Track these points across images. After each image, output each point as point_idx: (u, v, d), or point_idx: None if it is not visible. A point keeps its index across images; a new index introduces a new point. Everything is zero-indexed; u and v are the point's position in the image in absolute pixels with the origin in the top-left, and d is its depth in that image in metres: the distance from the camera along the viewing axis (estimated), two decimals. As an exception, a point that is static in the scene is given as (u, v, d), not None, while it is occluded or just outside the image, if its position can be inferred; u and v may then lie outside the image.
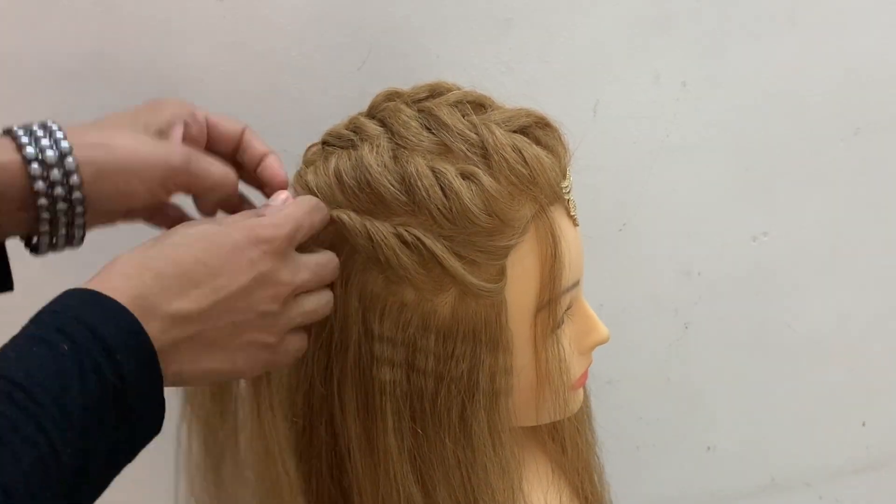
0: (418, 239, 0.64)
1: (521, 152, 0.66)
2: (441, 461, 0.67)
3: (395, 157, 0.66)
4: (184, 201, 0.70)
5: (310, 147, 0.73)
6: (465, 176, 0.65)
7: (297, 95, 0.89)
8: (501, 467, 0.68)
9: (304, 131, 0.76)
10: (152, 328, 0.53)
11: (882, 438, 1.24)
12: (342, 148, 0.69)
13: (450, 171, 0.64)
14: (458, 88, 0.72)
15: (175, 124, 0.66)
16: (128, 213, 0.67)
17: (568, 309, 0.71)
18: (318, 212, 0.64)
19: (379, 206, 0.65)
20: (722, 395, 1.16)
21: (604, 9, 0.96)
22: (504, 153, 0.66)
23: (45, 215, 0.59)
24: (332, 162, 0.68)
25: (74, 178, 0.59)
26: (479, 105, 0.70)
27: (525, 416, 0.73)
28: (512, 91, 0.77)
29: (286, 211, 0.62)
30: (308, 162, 0.71)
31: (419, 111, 0.69)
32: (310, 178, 0.68)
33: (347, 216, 0.65)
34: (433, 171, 0.65)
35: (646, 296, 1.09)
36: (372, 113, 0.72)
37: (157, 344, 0.53)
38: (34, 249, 0.62)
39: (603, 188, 1.02)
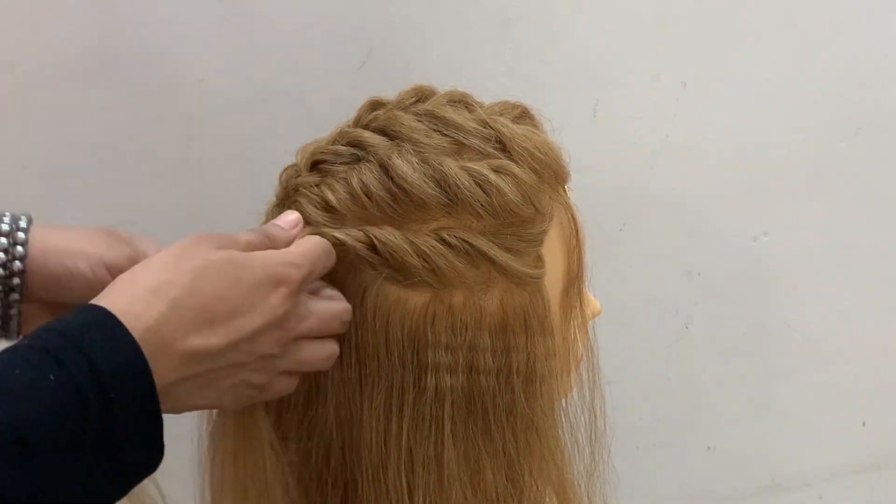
0: (463, 240, 0.64)
1: (533, 140, 0.67)
2: (498, 453, 0.67)
3: (424, 162, 0.65)
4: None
5: (292, 173, 0.70)
6: (498, 170, 0.65)
7: (297, 95, 0.89)
8: (560, 448, 0.70)
9: (304, 131, 0.75)
10: (161, 366, 0.50)
11: (882, 438, 1.24)
12: (346, 165, 0.67)
13: (483, 168, 0.65)
14: (435, 89, 0.72)
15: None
16: (67, 299, 0.63)
17: None
18: (330, 257, 0.62)
19: (415, 213, 0.64)
20: (722, 395, 1.16)
21: (604, 9, 0.96)
22: (522, 143, 0.67)
23: None
24: (354, 179, 0.65)
25: (19, 250, 0.58)
26: (467, 102, 0.71)
27: None
28: (512, 91, 0.76)
29: (304, 249, 0.59)
30: (298, 186, 0.68)
31: (417, 115, 0.69)
32: (329, 196, 0.66)
33: (391, 235, 0.64)
34: (466, 170, 0.65)
35: (646, 296, 1.09)
36: (366, 124, 0.70)
37: (160, 383, 0.50)
38: None
39: (603, 188, 1.02)
